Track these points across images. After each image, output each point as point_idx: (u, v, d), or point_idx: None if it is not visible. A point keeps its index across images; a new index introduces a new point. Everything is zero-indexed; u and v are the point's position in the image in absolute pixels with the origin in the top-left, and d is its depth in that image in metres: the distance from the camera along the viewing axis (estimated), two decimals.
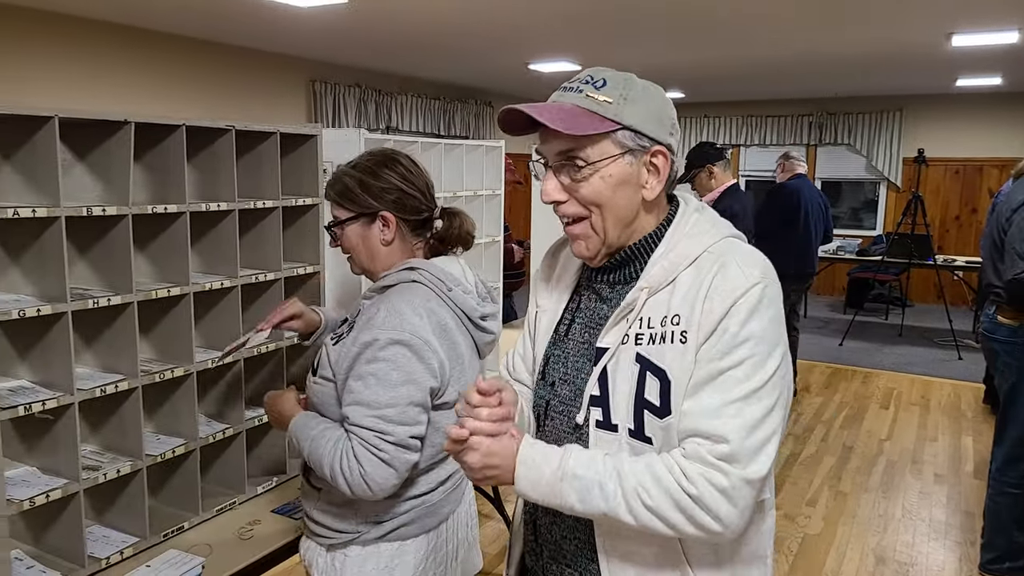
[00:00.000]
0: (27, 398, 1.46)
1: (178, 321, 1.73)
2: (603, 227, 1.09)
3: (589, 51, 5.97)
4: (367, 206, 1.45)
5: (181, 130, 1.65)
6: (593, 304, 1.17)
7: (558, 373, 1.17)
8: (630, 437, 1.06)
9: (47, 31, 4.76)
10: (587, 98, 1.06)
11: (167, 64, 5.48)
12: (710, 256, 1.07)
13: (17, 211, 1.37)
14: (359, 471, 1.32)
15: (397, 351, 1.34)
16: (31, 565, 1.54)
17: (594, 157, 1.05)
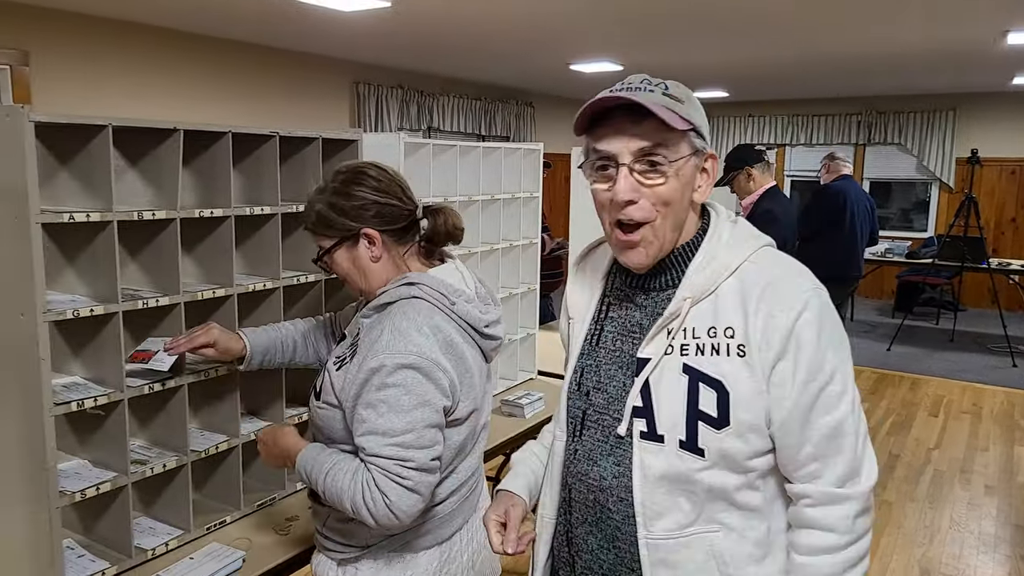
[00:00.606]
0: (80, 394, 1.52)
1: (222, 321, 1.78)
2: (664, 230, 1.09)
3: (631, 51, 5.93)
4: (347, 228, 1.41)
5: (227, 137, 1.70)
6: (625, 312, 1.17)
7: (591, 382, 1.17)
8: (680, 449, 1.06)
9: (99, 36, 4.93)
10: (663, 96, 1.06)
11: (215, 67, 5.63)
12: (752, 267, 1.09)
13: (72, 216, 1.43)
14: (384, 502, 1.29)
15: (407, 375, 1.30)
16: (82, 554, 1.61)
17: (672, 156, 1.06)
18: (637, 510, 1.09)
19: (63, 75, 4.75)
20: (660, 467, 1.07)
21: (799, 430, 1.05)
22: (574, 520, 1.19)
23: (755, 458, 1.07)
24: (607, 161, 1.08)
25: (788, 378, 1.04)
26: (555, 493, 1.24)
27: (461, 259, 2.47)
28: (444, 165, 2.53)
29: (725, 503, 1.08)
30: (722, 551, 1.08)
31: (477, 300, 1.48)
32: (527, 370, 3.04)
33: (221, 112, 5.69)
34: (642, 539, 1.09)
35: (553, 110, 9.43)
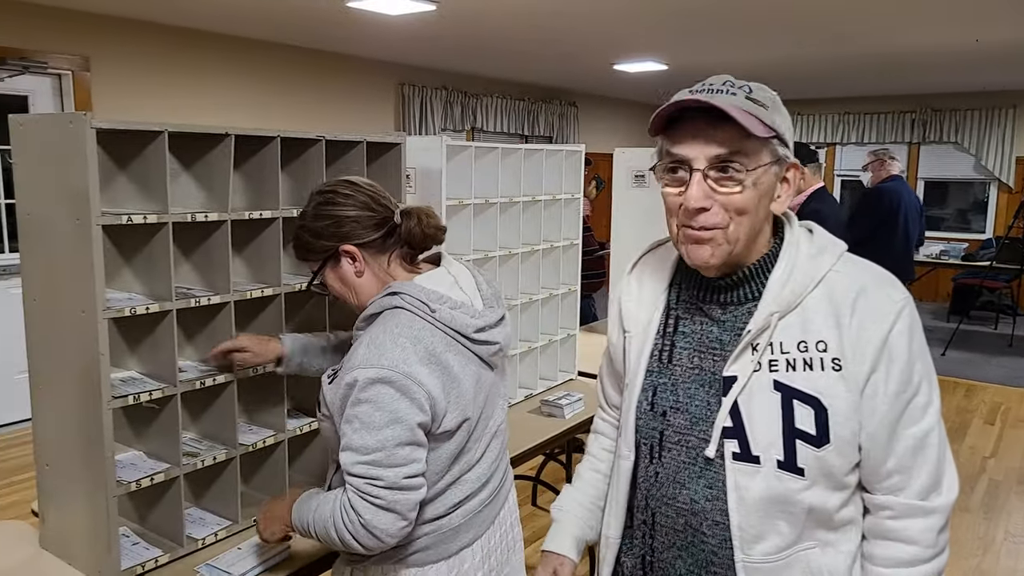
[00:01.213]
0: (136, 388, 1.59)
1: (269, 320, 1.84)
2: (737, 235, 1.05)
3: (676, 51, 5.89)
4: (325, 249, 1.43)
5: (276, 141, 1.76)
6: (700, 327, 1.13)
7: (668, 402, 1.13)
8: (779, 469, 1.03)
9: (155, 41, 5.10)
10: (746, 100, 1.02)
11: (264, 70, 5.77)
12: (838, 276, 1.06)
13: (131, 218, 1.50)
14: (359, 521, 1.28)
15: (379, 391, 1.28)
16: (136, 542, 1.68)
17: (751, 165, 1.02)
18: (734, 533, 1.06)
19: (121, 79, 4.93)
20: (758, 489, 1.04)
21: (886, 442, 1.03)
22: (658, 545, 1.15)
23: (851, 472, 1.05)
24: (680, 165, 1.04)
25: (880, 390, 1.02)
26: (621, 514, 1.21)
27: (500, 259, 2.50)
28: (486, 167, 2.56)
29: (824, 522, 1.06)
30: (820, 567, 1.06)
31: (471, 305, 1.43)
32: (567, 371, 3.05)
33: (269, 113, 5.83)
34: (739, 563, 1.06)
35: (596, 110, 9.40)
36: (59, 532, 1.66)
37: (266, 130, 1.76)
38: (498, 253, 2.59)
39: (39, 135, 1.52)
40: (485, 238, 2.57)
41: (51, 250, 1.53)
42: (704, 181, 1.02)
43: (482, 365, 1.44)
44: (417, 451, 1.31)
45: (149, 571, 1.60)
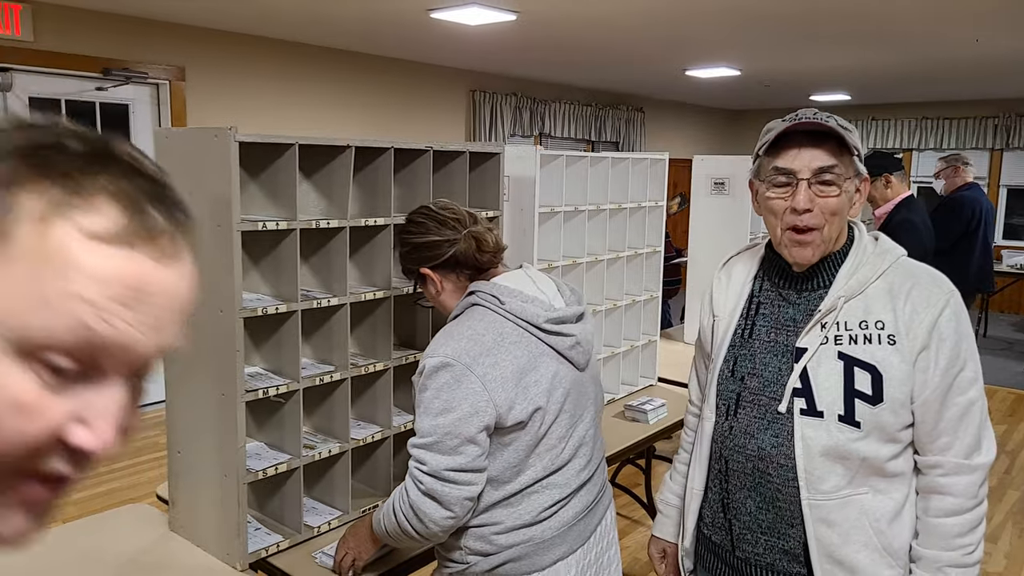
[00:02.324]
0: (263, 383, 1.70)
1: (378, 322, 1.94)
2: (830, 235, 1.28)
3: (750, 56, 5.84)
4: (411, 271, 1.58)
5: (390, 152, 1.85)
6: (777, 309, 1.37)
7: (746, 368, 1.36)
8: (839, 422, 1.25)
9: (245, 51, 5.33)
10: (839, 126, 1.26)
11: (344, 77, 5.96)
12: (896, 271, 1.30)
13: (265, 224, 1.61)
14: (408, 503, 1.36)
15: (440, 377, 1.36)
16: (258, 527, 1.79)
17: (844, 175, 1.26)
18: (800, 475, 1.26)
19: (213, 88, 5.17)
20: (821, 438, 1.25)
21: (938, 408, 1.24)
22: (732, 487, 1.36)
23: (904, 429, 1.25)
24: (787, 176, 1.27)
25: (931, 364, 1.23)
26: (704, 468, 1.43)
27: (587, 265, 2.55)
28: (575, 175, 2.62)
29: (876, 470, 1.26)
30: (872, 509, 1.26)
31: (546, 301, 1.48)
32: (647, 376, 3.08)
33: (347, 118, 6.02)
34: (805, 500, 1.26)
35: (663, 114, 9.36)
36: (189, 516, 1.78)
37: (381, 141, 1.86)
38: (585, 259, 2.65)
39: (183, 147, 1.65)
40: (573, 244, 2.63)
41: None
42: (809, 188, 1.26)
43: (560, 359, 1.46)
44: (466, 446, 1.34)
45: (271, 555, 1.71)
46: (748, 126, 10.43)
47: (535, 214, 2.39)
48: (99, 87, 4.70)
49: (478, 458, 1.36)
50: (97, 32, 4.59)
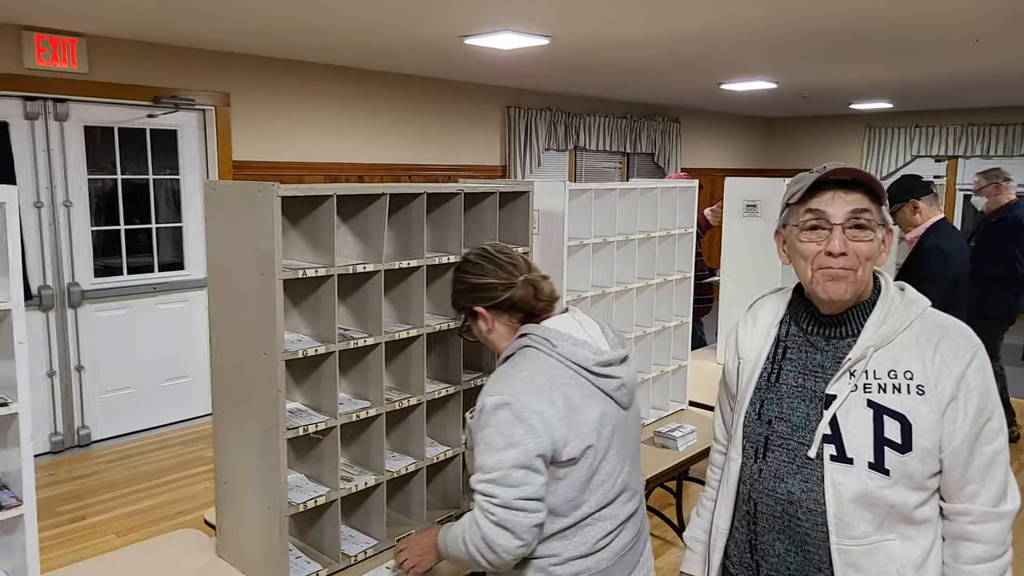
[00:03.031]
0: (304, 419, 1.80)
1: (411, 359, 2.02)
2: (864, 277, 1.33)
3: (787, 69, 5.81)
4: (464, 308, 1.68)
5: (423, 197, 1.94)
6: (805, 355, 1.40)
7: (773, 412, 1.39)
8: (869, 469, 1.28)
9: (287, 76, 5.50)
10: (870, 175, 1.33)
11: (380, 98, 6.10)
12: (923, 322, 1.34)
13: (305, 272, 1.71)
14: (480, 536, 1.44)
15: (500, 415, 1.45)
16: (298, 555, 1.89)
17: (876, 221, 1.32)
18: (830, 521, 1.30)
19: (256, 112, 5.35)
20: (851, 485, 1.29)
21: (966, 457, 1.28)
22: (760, 529, 1.40)
23: (931, 477, 1.29)
24: (820, 221, 1.32)
25: (960, 415, 1.27)
26: (730, 507, 1.46)
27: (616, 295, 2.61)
28: (604, 205, 2.67)
29: (904, 517, 1.29)
30: (899, 555, 1.29)
31: (594, 344, 1.58)
32: (678, 400, 3.12)
33: (384, 138, 6.16)
34: (834, 545, 1.30)
35: (700, 125, 9.33)
36: (234, 543, 1.89)
37: (414, 187, 1.95)
38: (614, 288, 2.70)
39: (229, 198, 1.76)
40: (602, 274, 2.68)
41: (237, 298, 1.77)
42: (842, 233, 1.30)
43: (607, 399, 1.57)
44: (531, 476, 1.44)
45: None
46: (786, 135, 10.33)
47: (564, 247, 2.45)
48: (150, 114, 4.91)
49: (541, 487, 1.46)
50: (148, 62, 4.80)
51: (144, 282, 4.96)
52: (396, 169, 6.25)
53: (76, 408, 4.69)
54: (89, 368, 4.71)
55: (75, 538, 3.52)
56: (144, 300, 4.95)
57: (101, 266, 4.79)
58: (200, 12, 3.89)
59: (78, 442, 4.68)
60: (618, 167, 8.52)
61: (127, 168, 4.91)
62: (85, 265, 4.69)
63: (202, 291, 5.19)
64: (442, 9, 3.75)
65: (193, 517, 3.68)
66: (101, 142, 4.78)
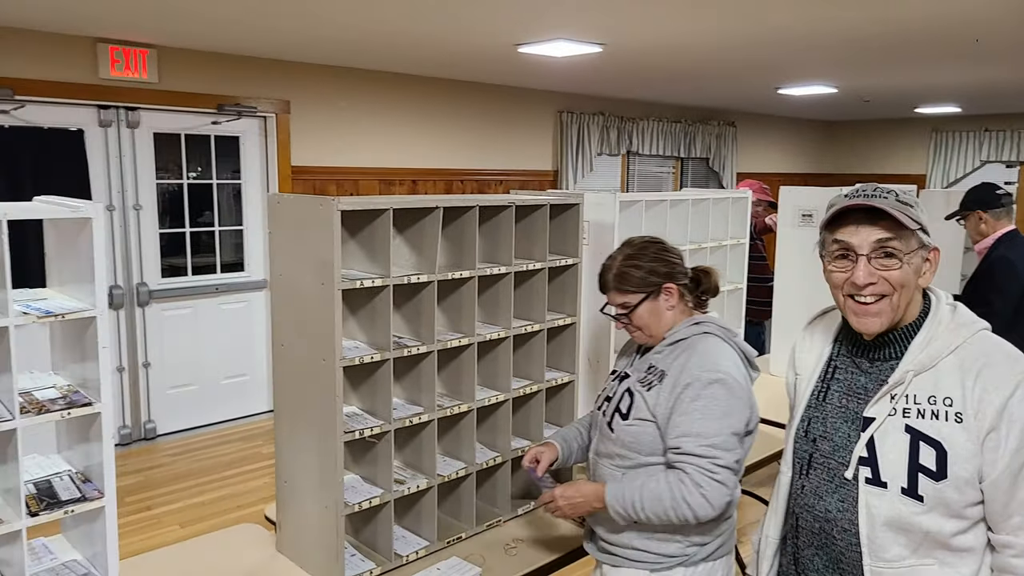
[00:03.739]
0: (360, 423, 1.87)
1: (463, 366, 2.08)
2: (898, 304, 1.31)
3: (847, 75, 5.70)
4: (652, 284, 1.74)
5: (475, 210, 1.99)
6: (851, 375, 1.39)
7: (818, 431, 1.41)
8: (902, 494, 1.27)
9: (344, 84, 5.65)
10: (898, 203, 1.30)
11: (436, 103, 6.20)
12: (970, 347, 1.30)
13: (363, 282, 1.78)
14: (700, 493, 1.59)
15: (715, 389, 1.62)
16: (353, 553, 1.97)
17: (905, 249, 1.29)
18: (863, 542, 1.30)
19: (315, 118, 5.51)
20: (884, 508, 1.28)
21: (1008, 488, 1.24)
22: (801, 544, 1.42)
23: (971, 507, 1.25)
24: (846, 250, 1.31)
25: (1001, 445, 1.23)
26: (779, 519, 1.48)
27: None
28: (655, 216, 2.69)
29: (941, 544, 1.27)
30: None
31: None
32: None
33: (438, 143, 6.26)
34: (867, 567, 1.30)
35: (756, 128, 9.19)
36: (293, 539, 1.98)
37: (466, 199, 2.00)
38: None
39: (292, 211, 1.84)
40: None
41: (298, 306, 1.85)
42: (868, 263, 1.30)
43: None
44: (738, 442, 1.65)
45: None
46: (847, 139, 10.09)
47: None
48: (214, 121, 5.10)
49: (741, 450, 1.66)
50: (213, 71, 4.99)
51: (207, 283, 5.16)
52: (448, 174, 6.34)
53: (143, 403, 4.91)
54: (155, 365, 4.93)
55: (141, 527, 3.70)
56: (207, 300, 5.15)
57: (167, 266, 5.00)
58: (263, 24, 4.03)
59: (144, 435, 4.90)
60: (671, 172, 8.46)
61: (192, 173, 5.12)
62: (153, 266, 4.91)
63: (261, 292, 5.37)
64: (498, 20, 3.81)
65: (251, 511, 3.82)
66: (168, 148, 5.00)
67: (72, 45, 4.39)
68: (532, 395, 2.28)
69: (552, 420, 2.37)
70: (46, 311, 1.35)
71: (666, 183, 8.38)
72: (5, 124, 4.23)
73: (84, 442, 1.47)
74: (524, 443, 2.25)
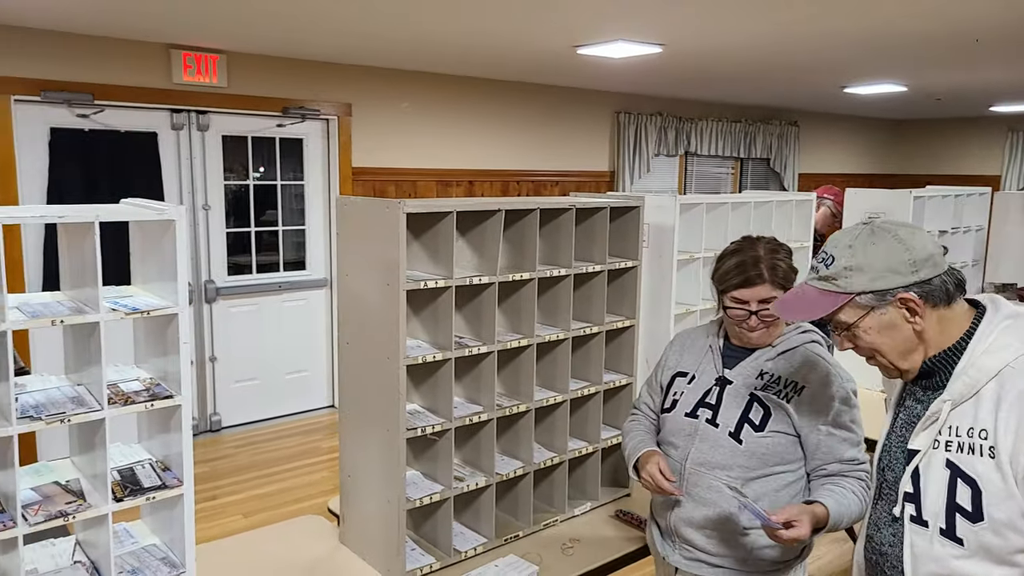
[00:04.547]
0: (421, 421, 1.91)
1: (522, 368, 2.10)
2: (889, 362, 1.26)
3: (918, 74, 5.52)
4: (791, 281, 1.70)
5: (536, 212, 2.01)
6: (912, 404, 1.32)
7: (885, 460, 1.34)
8: (941, 535, 1.19)
9: (404, 86, 5.74)
10: (819, 279, 1.27)
11: (494, 104, 6.25)
12: (1012, 372, 1.16)
13: (426, 283, 1.82)
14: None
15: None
16: (413, 548, 2.01)
17: (848, 321, 1.25)
18: None
19: (376, 120, 5.62)
20: (925, 550, 1.21)
21: None
22: (868, 571, 1.39)
23: (1020, 553, 1.13)
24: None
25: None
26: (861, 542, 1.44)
27: None
28: (716, 219, 2.66)
29: None
30: None
31: None
32: None
33: (496, 144, 6.30)
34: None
35: (820, 128, 8.97)
36: (356, 532, 2.03)
37: (528, 202, 2.03)
38: None
39: (358, 214, 1.90)
40: None
41: (363, 306, 1.90)
42: (836, 334, 1.28)
43: None
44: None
45: (425, 575, 1.92)
46: (916, 138, 9.76)
47: (674, 260, 2.47)
48: (279, 124, 5.25)
49: None
50: (278, 76, 5.14)
51: (270, 280, 5.32)
52: (504, 175, 6.38)
53: (209, 396, 5.09)
54: (221, 359, 5.10)
55: (207, 516, 3.84)
56: (270, 297, 5.31)
57: (232, 265, 5.17)
58: (327, 29, 4.14)
59: (210, 427, 5.08)
60: (731, 172, 8.33)
61: (256, 173, 5.29)
62: (220, 264, 5.08)
63: (321, 290, 5.51)
64: (558, 22, 3.82)
65: (311, 504, 3.92)
66: (235, 150, 5.17)
67: (148, 52, 4.59)
68: (590, 396, 2.29)
69: (609, 422, 2.37)
70: (132, 307, 1.42)
71: (725, 184, 8.25)
72: (85, 127, 4.45)
73: (164, 432, 1.55)
74: (581, 444, 2.26)
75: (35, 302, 1.45)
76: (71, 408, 1.37)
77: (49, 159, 4.34)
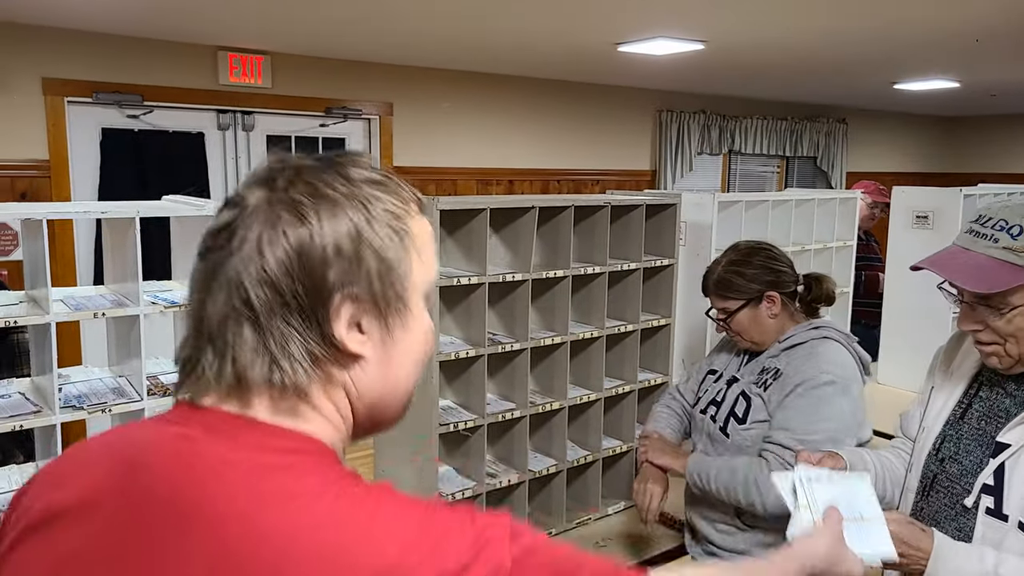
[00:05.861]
0: (454, 417, 1.92)
1: (556, 365, 2.09)
2: (1017, 352, 1.19)
3: (972, 70, 5.34)
4: (753, 291, 1.70)
5: (570, 210, 2.00)
6: (995, 396, 1.28)
7: (949, 451, 1.30)
8: (1019, 530, 1.16)
9: (445, 85, 5.78)
10: (1004, 250, 1.15)
11: (535, 103, 6.25)
12: None
13: (459, 280, 1.82)
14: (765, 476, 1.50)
15: (825, 391, 1.58)
16: None
17: (1016, 302, 1.15)
18: None
19: (417, 120, 5.67)
20: (996, 542, 1.17)
21: None
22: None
23: None
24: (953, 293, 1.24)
25: None
26: None
27: None
28: (755, 218, 2.62)
29: None
30: None
31: None
32: None
33: (536, 142, 6.30)
34: None
35: (868, 126, 8.74)
36: None
37: (561, 199, 2.02)
38: None
39: None
40: None
41: None
42: (972, 311, 1.18)
43: None
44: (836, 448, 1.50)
45: None
46: (969, 136, 9.45)
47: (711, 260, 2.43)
48: (322, 124, 5.33)
49: None
50: (321, 75, 5.22)
51: None
52: (544, 174, 6.37)
53: None
54: None
55: None
56: None
57: None
58: (369, 29, 4.19)
59: None
60: (776, 171, 8.17)
61: None
62: None
63: None
64: (600, 19, 3.80)
65: None
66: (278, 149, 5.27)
67: (195, 54, 4.70)
68: (624, 395, 2.27)
69: (644, 421, 2.34)
70: (172, 301, 1.46)
71: (770, 183, 8.10)
72: (135, 128, 4.58)
73: None
74: (615, 443, 2.25)
75: (79, 295, 1.49)
76: (112, 399, 1.41)
77: (100, 159, 4.49)
